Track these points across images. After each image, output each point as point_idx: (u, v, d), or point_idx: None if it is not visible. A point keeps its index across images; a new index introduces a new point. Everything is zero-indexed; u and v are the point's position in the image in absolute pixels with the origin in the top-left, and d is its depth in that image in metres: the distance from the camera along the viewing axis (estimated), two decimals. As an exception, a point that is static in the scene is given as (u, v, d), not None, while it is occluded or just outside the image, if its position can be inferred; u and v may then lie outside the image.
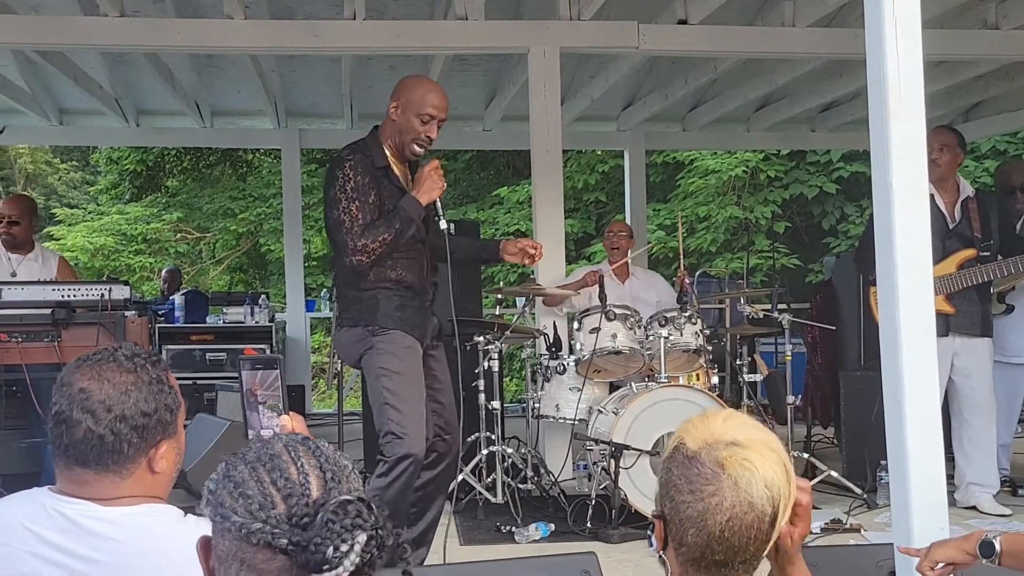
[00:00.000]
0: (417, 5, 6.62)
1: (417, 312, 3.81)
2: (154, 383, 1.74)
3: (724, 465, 1.51)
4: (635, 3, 6.25)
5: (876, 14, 2.47)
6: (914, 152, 2.45)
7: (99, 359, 1.74)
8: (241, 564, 1.22)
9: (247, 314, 7.89)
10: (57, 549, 1.68)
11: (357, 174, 3.69)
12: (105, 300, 4.62)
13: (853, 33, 6.24)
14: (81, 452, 1.69)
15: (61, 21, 6.06)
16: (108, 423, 1.69)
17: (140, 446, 1.72)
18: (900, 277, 2.42)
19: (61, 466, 1.73)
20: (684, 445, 1.56)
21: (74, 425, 1.69)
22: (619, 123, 9.62)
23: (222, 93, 8.66)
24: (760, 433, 1.58)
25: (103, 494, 1.71)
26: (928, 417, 2.44)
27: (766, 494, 1.51)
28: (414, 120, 3.74)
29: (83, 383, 1.71)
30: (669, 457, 1.58)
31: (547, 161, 6.18)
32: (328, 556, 1.17)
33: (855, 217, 13.05)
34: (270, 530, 1.20)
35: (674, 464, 1.55)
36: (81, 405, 1.69)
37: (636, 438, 4.84)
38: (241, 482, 1.25)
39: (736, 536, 1.50)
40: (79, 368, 1.73)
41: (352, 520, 1.20)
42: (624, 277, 6.41)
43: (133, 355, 1.76)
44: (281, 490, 1.23)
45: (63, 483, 1.74)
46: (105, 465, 1.70)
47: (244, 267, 17.54)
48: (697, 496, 1.50)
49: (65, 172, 21.11)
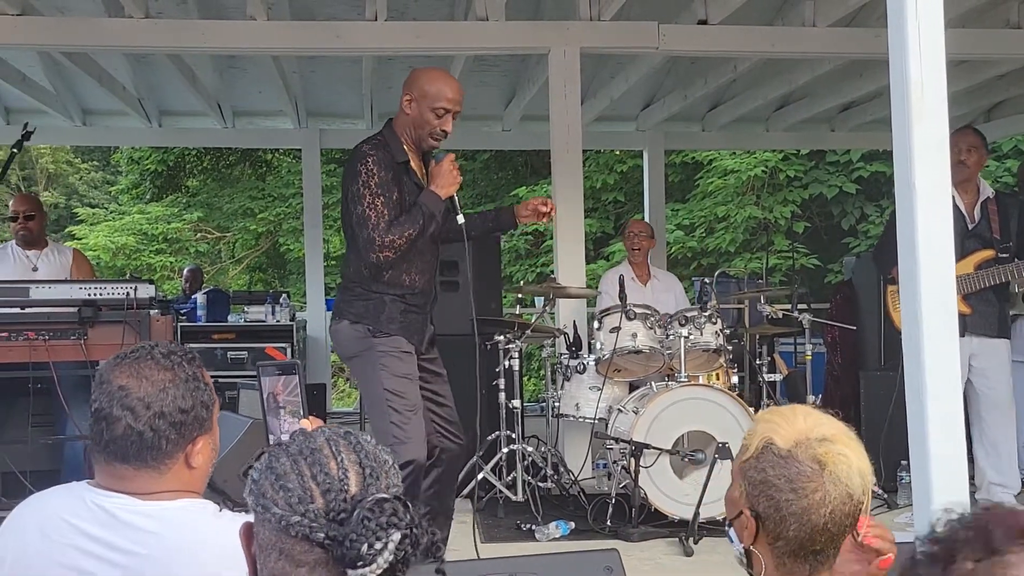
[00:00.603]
0: (437, 6, 6.65)
1: (419, 319, 3.81)
2: (190, 380, 1.78)
3: (823, 463, 1.59)
4: (655, 3, 6.26)
5: (899, 14, 2.48)
6: (937, 152, 2.46)
7: (137, 357, 1.77)
8: (280, 554, 1.26)
9: (268, 313, 7.95)
10: (96, 541, 1.72)
11: (380, 169, 3.65)
12: (131, 299, 4.66)
13: (874, 33, 6.23)
14: (121, 448, 1.73)
15: (86, 22, 6.12)
16: (147, 420, 1.72)
17: (178, 442, 1.75)
18: (923, 277, 2.43)
19: (101, 461, 1.77)
20: (774, 444, 1.62)
21: (114, 422, 1.72)
22: (638, 123, 9.63)
23: (244, 94, 8.72)
24: (838, 424, 1.67)
25: (142, 489, 1.75)
26: (950, 417, 2.45)
27: (861, 483, 1.61)
28: (429, 114, 3.71)
29: (122, 380, 1.74)
30: (759, 456, 1.63)
31: (567, 161, 6.20)
32: (362, 553, 1.21)
33: (875, 217, 13.00)
34: (308, 524, 1.24)
35: (768, 464, 1.61)
36: (121, 402, 1.72)
37: (656, 437, 4.85)
38: (282, 474, 1.28)
39: (837, 526, 1.59)
40: (118, 366, 1.77)
41: (387, 519, 1.23)
42: (646, 279, 6.43)
43: (169, 353, 1.80)
44: (320, 485, 1.26)
45: (102, 478, 1.78)
46: (144, 461, 1.74)
47: (263, 266, 17.64)
48: (800, 494, 1.58)
49: (86, 172, 21.27)
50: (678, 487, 4.87)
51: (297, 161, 14.77)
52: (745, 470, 1.65)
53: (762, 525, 1.61)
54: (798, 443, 1.61)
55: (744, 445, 1.68)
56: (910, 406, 2.48)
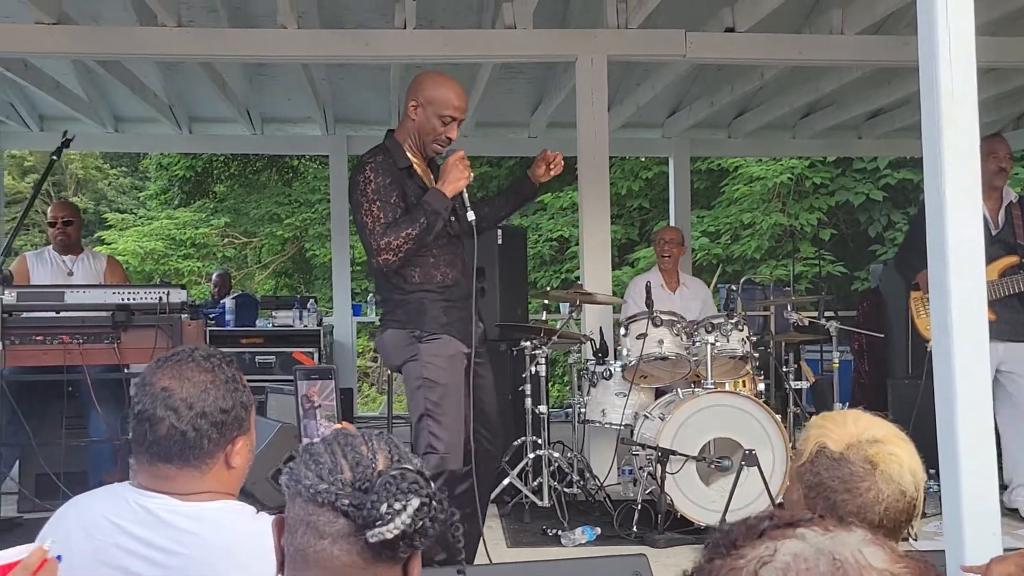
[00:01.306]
0: (465, 14, 6.70)
1: (463, 314, 3.71)
2: (230, 381, 1.83)
3: (875, 463, 1.65)
4: (682, 11, 6.28)
5: (930, 21, 2.48)
6: (967, 159, 2.46)
7: (178, 360, 1.82)
8: (307, 527, 1.31)
9: (296, 318, 8.01)
10: (139, 541, 1.76)
11: (378, 176, 3.62)
12: (163, 303, 4.72)
13: (902, 40, 6.22)
14: (164, 448, 1.78)
15: (119, 31, 6.20)
16: (190, 419, 1.77)
17: (219, 442, 1.80)
18: (953, 286, 2.43)
19: (144, 462, 1.81)
20: (827, 448, 1.68)
21: (158, 422, 1.77)
22: (664, 130, 9.63)
23: (273, 100, 8.80)
24: (888, 426, 1.74)
25: (183, 489, 1.79)
26: (981, 425, 2.44)
27: (913, 481, 1.67)
28: (435, 120, 3.66)
29: (165, 382, 1.79)
30: (813, 460, 1.69)
31: (594, 168, 6.22)
32: (382, 512, 1.27)
33: (902, 224, 12.93)
34: (335, 492, 1.29)
35: (822, 467, 1.67)
36: (164, 403, 1.77)
37: (683, 443, 4.86)
38: (317, 454, 1.35)
39: (892, 522, 1.65)
40: (160, 368, 1.81)
41: (408, 485, 1.30)
42: (675, 286, 6.43)
43: (209, 355, 1.85)
44: (350, 460, 1.33)
45: (144, 478, 1.82)
46: (186, 460, 1.78)
47: (289, 271, 17.76)
48: (855, 493, 1.64)
49: (115, 177, 21.49)
50: (704, 494, 4.87)
51: (323, 167, 14.87)
52: (802, 474, 1.71)
53: None
54: (850, 445, 1.67)
55: (799, 450, 1.75)
56: (940, 415, 2.48)
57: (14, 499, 5.36)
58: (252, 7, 6.46)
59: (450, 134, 3.69)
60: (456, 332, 3.68)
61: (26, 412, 4.79)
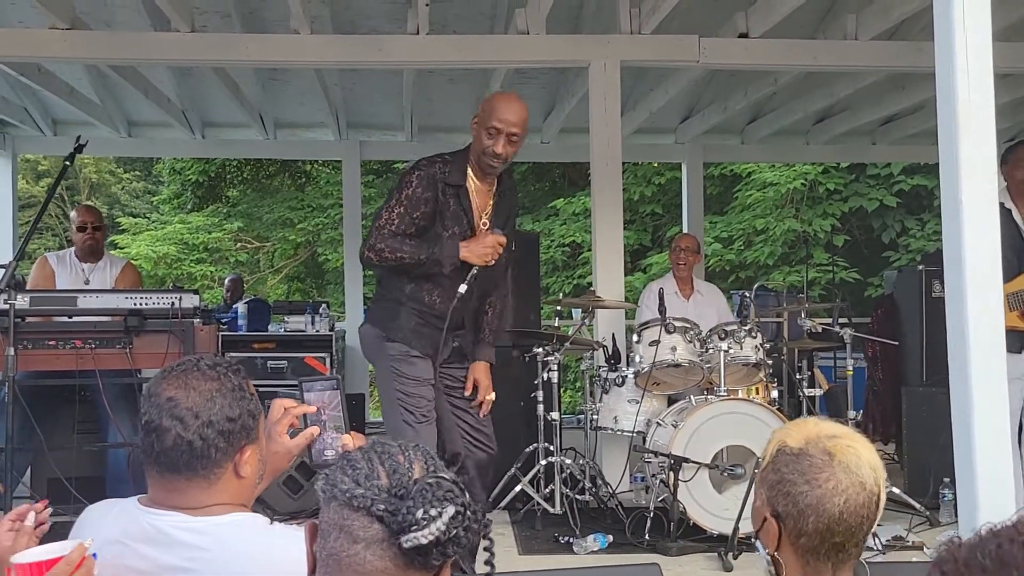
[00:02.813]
0: (479, 19, 6.70)
1: (433, 332, 3.73)
2: (236, 390, 1.82)
3: (832, 453, 1.67)
4: (696, 17, 6.26)
5: (946, 30, 2.47)
6: (985, 168, 2.44)
7: (183, 369, 1.81)
8: (340, 531, 1.32)
9: (308, 323, 8.00)
10: (150, 561, 1.75)
11: (419, 185, 3.68)
12: (176, 308, 4.72)
13: (917, 46, 6.19)
14: (172, 459, 1.76)
15: (133, 36, 6.23)
16: (196, 429, 1.75)
17: (227, 451, 1.78)
18: (969, 295, 2.42)
19: (154, 475, 1.80)
20: (786, 445, 1.71)
21: (164, 432, 1.75)
22: (677, 135, 9.61)
23: (286, 105, 8.82)
24: (847, 428, 1.76)
25: (194, 502, 1.78)
26: (998, 438, 2.42)
27: (872, 475, 1.68)
28: (482, 134, 3.68)
29: (170, 392, 1.78)
30: (774, 460, 1.72)
31: (607, 174, 6.21)
32: (417, 517, 1.28)
33: (915, 231, 12.89)
34: (371, 496, 1.30)
35: (782, 464, 1.70)
36: (170, 413, 1.76)
37: (695, 451, 4.84)
38: (354, 460, 1.37)
39: (853, 516, 1.65)
40: (165, 379, 1.80)
41: (444, 493, 1.31)
42: (689, 293, 6.41)
43: (215, 364, 1.84)
44: (387, 468, 1.34)
45: (154, 492, 1.81)
46: (195, 470, 1.77)
47: (302, 276, 17.79)
48: (813, 484, 1.66)
49: (128, 182, 21.58)
50: (717, 501, 4.84)
51: (336, 172, 14.90)
52: (764, 478, 1.74)
53: (783, 525, 1.68)
54: (808, 440, 1.70)
55: (760, 458, 1.79)
56: (956, 427, 2.46)
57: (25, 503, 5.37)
58: (265, 12, 6.48)
59: (496, 148, 3.66)
60: (419, 345, 3.74)
61: (38, 416, 4.78)
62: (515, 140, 3.68)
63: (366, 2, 6.48)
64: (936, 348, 6.12)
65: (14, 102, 8.34)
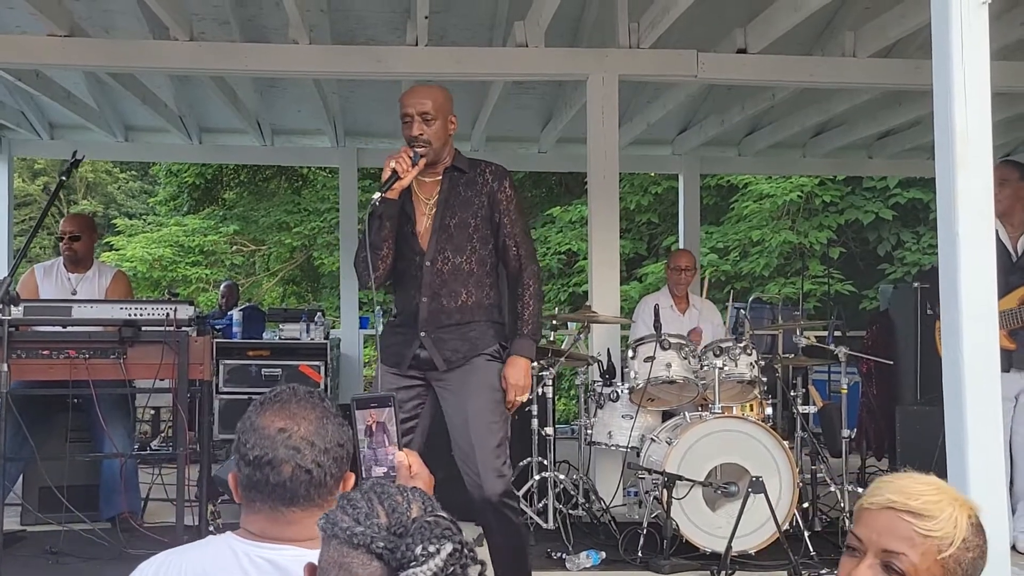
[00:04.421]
0: (477, 30, 6.70)
1: (400, 341, 3.65)
2: (336, 416, 1.82)
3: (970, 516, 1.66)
4: (694, 32, 6.27)
5: (944, 61, 2.48)
6: (981, 200, 2.45)
7: (283, 400, 1.80)
8: (340, 568, 1.34)
9: (303, 331, 7.99)
10: None
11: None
12: (170, 319, 4.71)
13: (914, 64, 6.21)
14: (290, 491, 1.73)
15: (132, 44, 6.22)
16: (313, 457, 1.74)
17: (337, 477, 1.78)
18: (965, 325, 2.42)
19: (264, 509, 1.75)
20: (972, 514, 1.67)
21: (280, 464, 1.73)
22: (674, 147, 9.62)
23: (283, 112, 8.81)
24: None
25: (304, 533, 1.74)
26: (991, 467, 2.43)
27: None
28: (402, 129, 3.61)
29: (279, 424, 1.76)
30: (973, 534, 1.66)
31: (604, 187, 6.21)
32: (416, 553, 1.30)
33: (911, 244, 12.91)
34: (371, 535, 1.32)
35: (977, 536, 1.65)
36: (285, 444, 1.74)
37: (689, 468, 4.83)
38: (354, 499, 1.39)
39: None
40: (267, 410, 1.79)
41: (442, 531, 1.33)
42: (684, 308, 6.41)
43: (309, 393, 1.84)
44: (386, 507, 1.37)
45: (261, 526, 1.76)
46: (312, 500, 1.75)
47: (297, 279, 17.78)
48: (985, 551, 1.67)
49: (124, 182, 21.57)
50: (710, 519, 4.84)
51: (333, 176, 14.87)
52: (956, 558, 1.62)
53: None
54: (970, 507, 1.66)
55: (940, 536, 1.62)
56: (951, 454, 2.47)
57: (17, 511, 5.36)
58: (264, 21, 6.47)
59: (410, 132, 3.55)
60: (387, 358, 3.66)
61: (30, 425, 4.77)
62: (430, 118, 3.54)
63: (365, 12, 6.48)
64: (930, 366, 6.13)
65: (11, 106, 8.33)
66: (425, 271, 3.61)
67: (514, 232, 3.69)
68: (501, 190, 3.68)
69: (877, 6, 6.02)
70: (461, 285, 3.62)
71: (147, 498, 5.43)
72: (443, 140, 3.61)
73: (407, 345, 3.63)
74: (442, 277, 3.61)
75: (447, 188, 3.67)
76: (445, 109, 3.63)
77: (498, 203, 3.67)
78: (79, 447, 5.30)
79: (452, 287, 3.62)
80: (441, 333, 3.60)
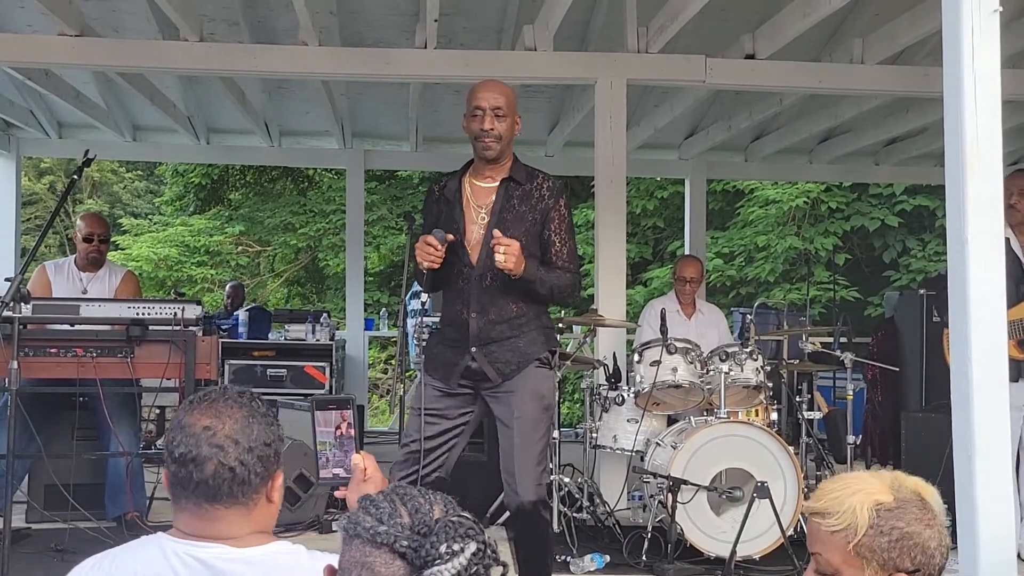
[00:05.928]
0: (486, 34, 6.72)
1: (448, 352, 3.64)
2: (266, 415, 1.84)
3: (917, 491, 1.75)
4: (703, 37, 6.28)
5: (955, 68, 2.47)
6: (991, 207, 2.44)
7: (211, 399, 1.82)
8: (362, 568, 1.35)
9: (308, 332, 8.00)
10: None
11: (425, 211, 3.80)
12: (178, 318, 4.73)
13: (922, 71, 6.22)
14: (212, 488, 1.76)
15: (141, 45, 6.24)
16: (236, 455, 1.76)
17: (263, 476, 1.80)
18: (974, 334, 2.41)
19: (189, 506, 1.78)
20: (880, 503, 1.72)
21: (203, 462, 1.75)
22: (681, 152, 9.63)
23: (291, 114, 8.84)
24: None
25: (234, 531, 1.77)
26: (999, 475, 2.42)
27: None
28: (470, 122, 3.62)
29: (205, 422, 1.78)
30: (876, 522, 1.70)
31: (611, 192, 6.22)
32: (441, 552, 1.33)
33: (917, 251, 12.90)
34: (394, 533, 1.34)
35: (891, 520, 1.70)
36: (208, 441, 1.76)
37: (694, 472, 4.83)
38: (377, 501, 1.41)
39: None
40: (195, 409, 1.81)
41: (466, 531, 1.36)
42: (691, 312, 6.40)
43: (240, 392, 1.86)
44: (408, 507, 1.39)
45: (188, 523, 1.79)
46: (235, 498, 1.77)
47: (302, 280, 17.78)
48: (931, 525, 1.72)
49: (130, 181, 21.58)
50: (715, 524, 4.84)
51: (339, 177, 14.90)
52: (869, 545, 1.69)
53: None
54: (891, 489, 1.73)
55: (843, 528, 1.72)
56: (958, 463, 2.46)
57: (22, 509, 5.37)
58: (273, 22, 6.49)
59: (483, 125, 3.56)
60: (432, 369, 3.66)
61: (37, 423, 4.78)
62: (501, 114, 3.56)
63: (374, 14, 6.50)
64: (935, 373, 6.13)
65: (20, 104, 8.35)
66: (474, 285, 3.59)
67: (562, 253, 3.66)
68: (556, 208, 3.65)
69: (886, 13, 6.02)
70: (511, 299, 3.60)
71: (152, 497, 5.44)
72: (509, 139, 3.63)
73: (458, 357, 3.61)
74: (491, 293, 3.59)
75: (502, 199, 3.63)
76: (514, 108, 3.65)
77: (550, 221, 3.65)
78: (85, 445, 5.32)
79: (501, 303, 3.59)
80: (492, 347, 3.59)
